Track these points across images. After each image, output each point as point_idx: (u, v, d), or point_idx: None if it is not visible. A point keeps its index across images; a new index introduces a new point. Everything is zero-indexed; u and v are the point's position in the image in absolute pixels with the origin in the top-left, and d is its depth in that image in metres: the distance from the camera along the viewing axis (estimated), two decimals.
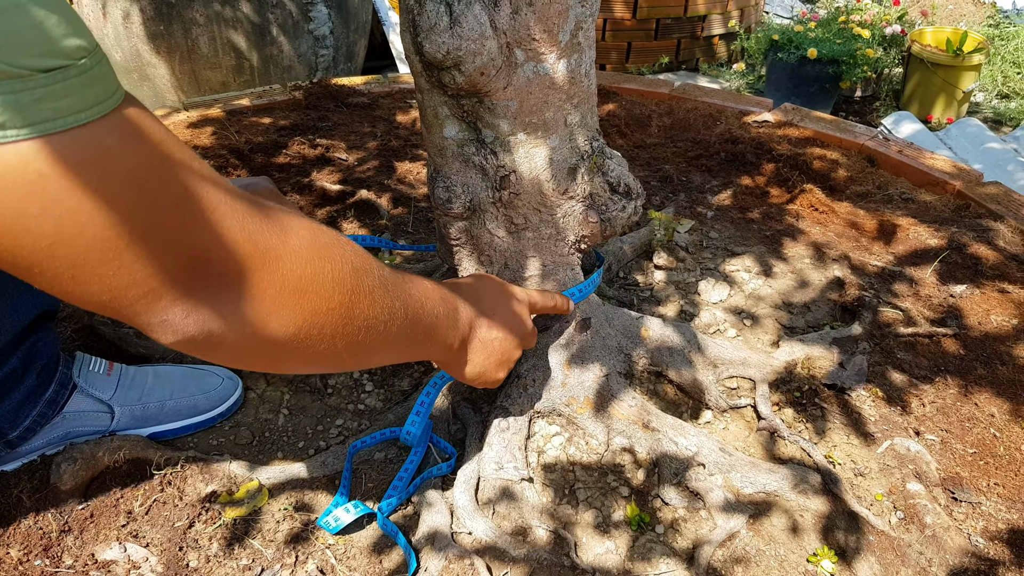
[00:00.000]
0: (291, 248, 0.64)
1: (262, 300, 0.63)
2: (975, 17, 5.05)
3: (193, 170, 0.57)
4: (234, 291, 0.61)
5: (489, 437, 1.17)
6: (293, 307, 0.65)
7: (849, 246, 1.71)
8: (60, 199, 0.48)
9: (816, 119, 2.19)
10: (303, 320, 0.66)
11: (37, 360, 1.11)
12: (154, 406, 1.23)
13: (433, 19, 0.99)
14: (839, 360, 1.36)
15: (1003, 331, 1.47)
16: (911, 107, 3.80)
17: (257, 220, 0.61)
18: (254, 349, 0.65)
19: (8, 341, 1.06)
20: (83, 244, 0.50)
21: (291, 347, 0.67)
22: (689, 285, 1.58)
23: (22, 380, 1.09)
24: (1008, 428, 1.27)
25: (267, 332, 0.64)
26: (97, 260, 0.52)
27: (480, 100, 1.09)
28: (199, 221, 0.57)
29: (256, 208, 0.62)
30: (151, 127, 0.54)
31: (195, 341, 0.60)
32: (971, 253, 1.65)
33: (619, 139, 2.14)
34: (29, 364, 1.10)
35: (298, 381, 1.35)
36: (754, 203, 1.87)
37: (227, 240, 0.59)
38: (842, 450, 1.23)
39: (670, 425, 1.19)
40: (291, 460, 1.21)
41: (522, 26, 1.03)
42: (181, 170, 0.56)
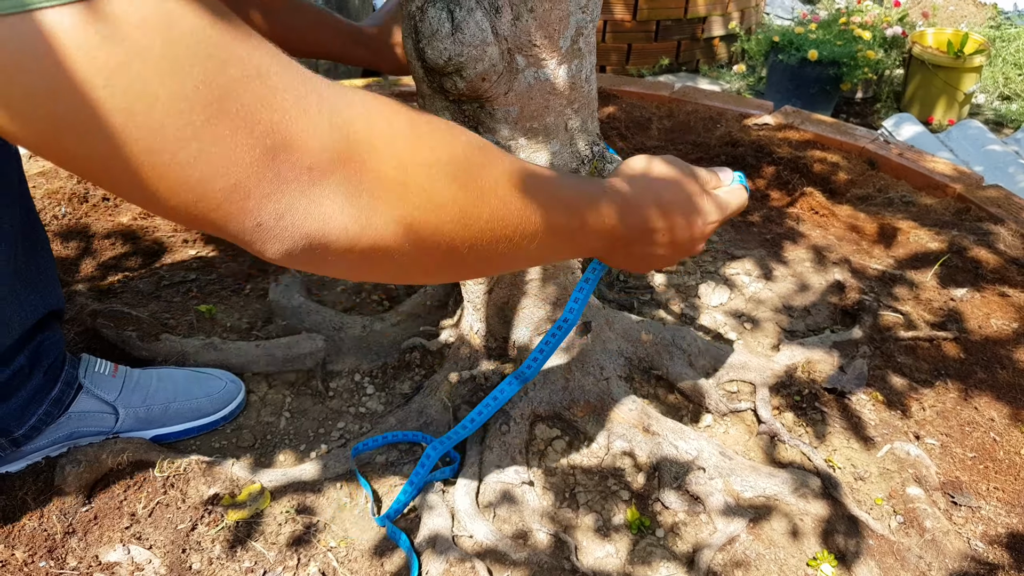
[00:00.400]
0: (384, 135, 0.57)
1: (359, 195, 0.55)
2: (976, 18, 5.05)
3: (264, 44, 0.51)
4: (328, 185, 0.54)
5: (490, 440, 1.18)
6: (397, 203, 0.58)
7: (850, 249, 1.72)
8: (126, 63, 0.43)
9: (816, 122, 2.20)
10: (411, 218, 0.59)
11: (44, 359, 1.12)
12: (158, 408, 1.24)
13: (435, 25, 1.00)
14: (839, 364, 1.36)
15: (1003, 335, 1.47)
16: (912, 109, 3.80)
17: (344, 102, 0.55)
18: (364, 255, 0.58)
19: (15, 340, 1.07)
20: (158, 120, 0.45)
21: (405, 251, 0.60)
22: (689, 288, 1.58)
23: (29, 378, 1.10)
24: (1008, 432, 1.28)
25: (373, 233, 0.57)
26: (174, 141, 0.46)
27: (481, 105, 1.09)
28: (279, 101, 0.51)
29: (341, 91, 0.56)
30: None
31: (297, 249, 0.55)
32: (971, 257, 1.66)
33: (619, 141, 2.14)
34: (36, 363, 1.11)
35: (299, 384, 1.36)
36: (754, 206, 1.87)
37: (313, 125, 0.52)
38: (842, 454, 1.23)
39: (670, 429, 1.20)
40: (293, 463, 1.21)
41: (523, 32, 1.03)
42: (252, 41, 0.50)
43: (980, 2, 5.18)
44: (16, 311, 1.06)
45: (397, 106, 0.60)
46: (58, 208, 1.70)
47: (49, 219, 1.67)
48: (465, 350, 1.33)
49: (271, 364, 1.36)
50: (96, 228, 1.68)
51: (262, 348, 1.37)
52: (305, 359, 1.37)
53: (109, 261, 1.60)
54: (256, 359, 1.36)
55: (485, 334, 1.31)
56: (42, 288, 1.11)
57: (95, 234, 1.66)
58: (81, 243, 1.63)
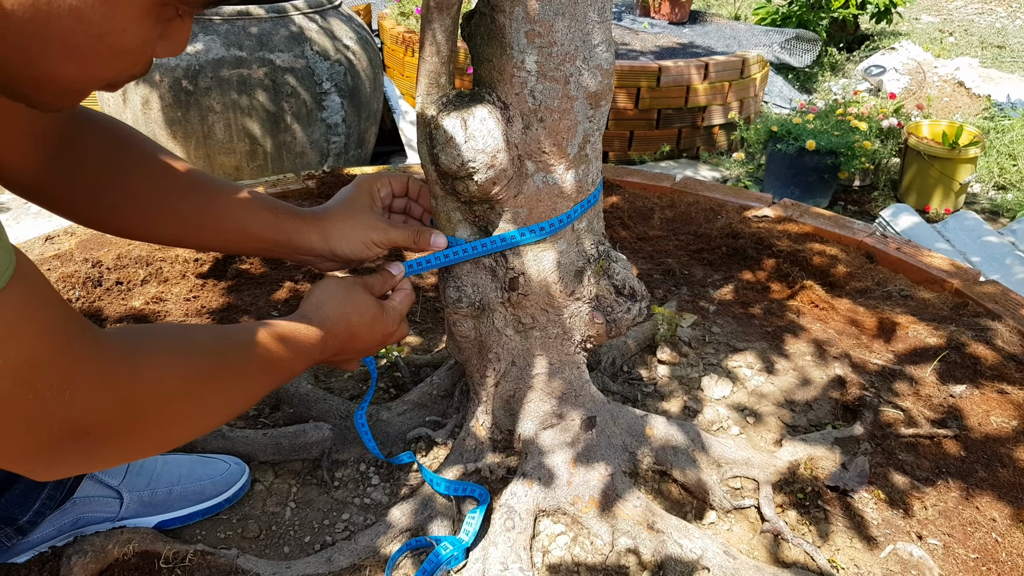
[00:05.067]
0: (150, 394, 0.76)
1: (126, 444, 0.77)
2: (971, 109, 5.18)
3: (70, 350, 0.66)
4: (100, 443, 0.72)
5: (494, 536, 1.18)
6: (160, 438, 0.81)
7: (850, 343, 1.74)
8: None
9: (815, 215, 2.25)
10: (171, 438, 0.82)
11: None
12: (162, 492, 1.24)
13: (450, 133, 1.04)
14: (841, 461, 1.38)
15: (1003, 433, 1.48)
16: (909, 197, 3.87)
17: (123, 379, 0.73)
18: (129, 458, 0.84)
19: None
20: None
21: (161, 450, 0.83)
22: (692, 380, 1.60)
23: None
24: (1010, 533, 1.28)
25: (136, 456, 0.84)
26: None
27: (491, 206, 1.13)
28: (71, 400, 0.66)
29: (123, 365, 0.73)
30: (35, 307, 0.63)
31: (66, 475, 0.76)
32: (970, 353, 1.68)
33: (622, 231, 2.19)
34: None
35: (305, 473, 1.36)
36: (755, 298, 1.90)
37: (96, 409, 0.69)
38: (845, 554, 1.24)
39: (675, 527, 1.20)
40: (297, 555, 1.22)
41: (533, 140, 1.08)
42: (56, 352, 0.65)
43: (974, 94, 5.32)
44: None
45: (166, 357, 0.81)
46: (72, 292, 1.74)
47: None
48: (471, 442, 1.34)
49: (278, 453, 1.38)
50: (109, 312, 1.71)
51: (269, 436, 1.38)
52: (311, 448, 1.38)
53: None
54: (263, 447, 1.37)
55: (491, 426, 1.33)
56: None
57: (107, 318, 1.69)
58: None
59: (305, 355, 0.99)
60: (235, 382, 0.90)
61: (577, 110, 1.08)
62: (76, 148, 1.02)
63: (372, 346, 1.13)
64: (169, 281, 1.86)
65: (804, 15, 5.99)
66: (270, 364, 0.93)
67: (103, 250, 1.93)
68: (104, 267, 1.84)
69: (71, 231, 2.02)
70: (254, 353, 0.91)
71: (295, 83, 2.93)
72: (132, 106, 2.96)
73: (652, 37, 4.92)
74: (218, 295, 1.82)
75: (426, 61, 1.04)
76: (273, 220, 1.13)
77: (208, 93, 2.86)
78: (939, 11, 8.58)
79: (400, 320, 1.16)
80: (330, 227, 1.14)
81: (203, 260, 1.94)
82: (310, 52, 2.89)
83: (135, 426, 0.75)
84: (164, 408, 0.78)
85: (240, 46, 2.78)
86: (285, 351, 0.95)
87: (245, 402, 0.93)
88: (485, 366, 1.27)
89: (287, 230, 1.13)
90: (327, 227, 1.14)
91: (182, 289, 1.83)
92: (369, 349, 1.13)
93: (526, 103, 1.05)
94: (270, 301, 1.82)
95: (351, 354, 1.12)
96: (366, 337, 1.10)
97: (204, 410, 0.85)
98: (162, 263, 1.90)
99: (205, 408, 0.85)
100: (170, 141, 2.94)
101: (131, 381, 0.73)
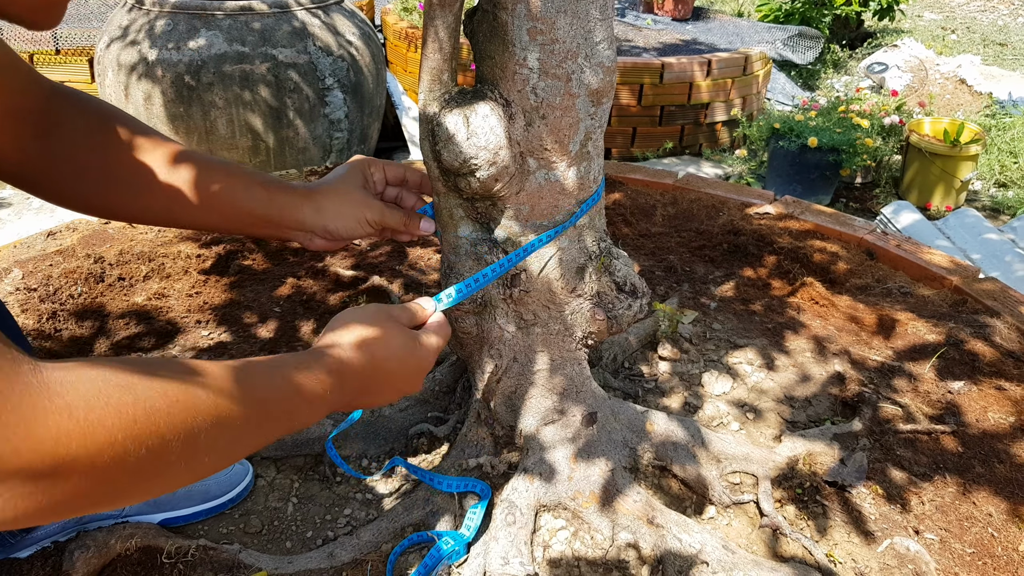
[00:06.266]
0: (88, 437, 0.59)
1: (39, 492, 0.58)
2: (972, 106, 5.18)
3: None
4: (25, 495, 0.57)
5: (495, 530, 1.19)
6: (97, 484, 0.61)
7: (849, 340, 1.75)
8: None
9: (816, 212, 2.25)
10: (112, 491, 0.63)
11: None
12: None
13: (452, 130, 1.05)
14: (840, 456, 1.38)
15: (1000, 429, 1.49)
16: (910, 195, 3.88)
17: (56, 416, 0.57)
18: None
19: None
20: None
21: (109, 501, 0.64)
22: (693, 377, 1.61)
23: None
24: (1005, 528, 1.29)
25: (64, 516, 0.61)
26: None
27: (494, 203, 1.14)
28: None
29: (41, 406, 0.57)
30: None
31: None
32: (968, 349, 1.69)
33: (625, 228, 2.20)
34: None
35: (307, 469, 1.37)
36: (756, 295, 1.91)
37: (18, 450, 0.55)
38: (843, 548, 1.25)
39: (674, 521, 1.21)
40: (299, 550, 1.23)
41: (535, 138, 1.09)
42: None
43: (976, 91, 5.32)
44: None
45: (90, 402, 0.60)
46: (74, 287, 1.75)
47: (65, 298, 1.71)
48: (472, 437, 1.35)
49: (280, 448, 1.38)
50: (111, 308, 1.72)
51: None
52: (313, 444, 1.39)
53: (123, 341, 1.64)
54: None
55: (492, 422, 1.34)
56: None
57: (110, 313, 1.70)
58: (96, 322, 1.67)
59: (315, 400, 0.84)
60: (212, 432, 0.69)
61: (579, 107, 1.08)
62: (59, 128, 1.00)
63: (405, 383, 0.98)
64: (172, 277, 1.87)
65: (807, 12, 5.99)
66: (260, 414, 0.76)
67: (105, 246, 1.94)
68: (107, 263, 1.85)
69: (73, 227, 2.02)
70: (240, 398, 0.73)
71: (298, 79, 2.94)
72: (134, 101, 2.97)
73: (655, 33, 4.92)
74: (220, 291, 1.83)
75: (429, 58, 1.05)
76: (266, 195, 1.09)
77: (211, 88, 2.86)
78: (941, 8, 8.57)
79: (437, 352, 1.02)
80: (324, 202, 1.12)
81: (205, 256, 1.94)
82: (313, 48, 2.90)
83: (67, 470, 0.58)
84: (103, 455, 0.60)
85: (243, 41, 2.78)
86: (284, 395, 0.80)
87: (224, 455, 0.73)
88: (487, 362, 1.28)
89: (280, 204, 1.09)
90: (321, 202, 1.12)
91: (184, 285, 1.84)
92: (403, 387, 0.99)
93: (528, 100, 1.06)
94: (272, 297, 1.83)
95: (382, 393, 0.97)
96: (397, 372, 0.96)
97: (161, 464, 0.65)
98: (164, 259, 1.91)
99: (163, 462, 0.65)
100: (172, 136, 2.94)
101: (60, 417, 0.58)
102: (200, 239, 2.01)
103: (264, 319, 1.75)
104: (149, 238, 2.01)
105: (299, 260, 1.98)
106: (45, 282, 1.74)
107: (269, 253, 1.99)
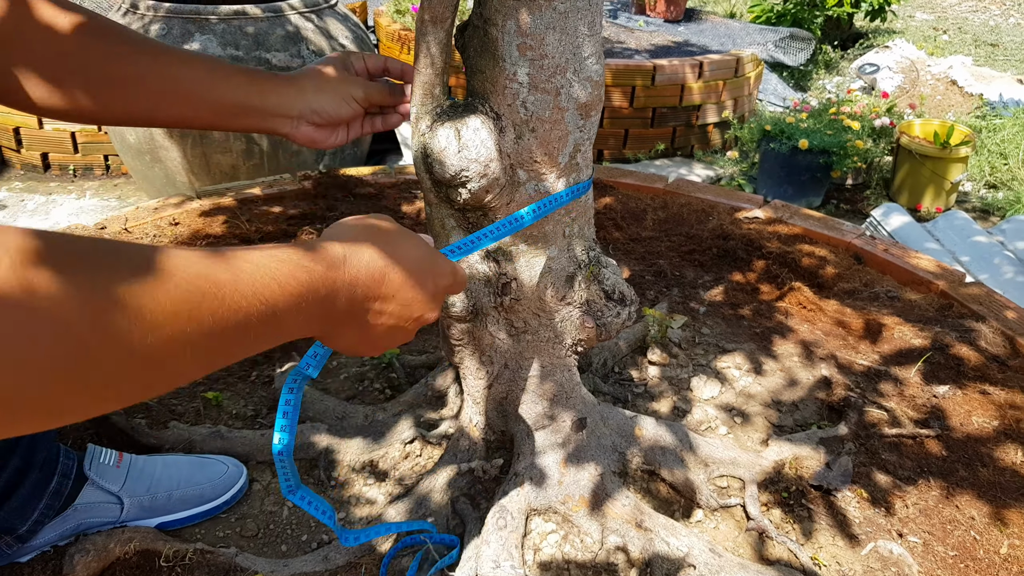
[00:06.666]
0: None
1: None
2: (963, 107, 5.21)
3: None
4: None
5: (487, 534, 1.22)
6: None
7: (836, 344, 1.78)
8: None
9: (805, 216, 2.28)
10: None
11: (37, 454, 1.15)
12: (162, 496, 1.27)
13: (443, 143, 1.07)
14: (826, 460, 1.41)
15: (984, 433, 1.52)
16: (901, 196, 3.91)
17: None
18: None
19: (7, 441, 1.11)
20: None
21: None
22: (682, 381, 1.63)
23: (26, 475, 1.13)
24: (988, 531, 1.32)
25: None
26: None
27: (485, 213, 1.16)
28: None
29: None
30: None
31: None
32: (954, 354, 1.72)
33: (615, 232, 2.22)
34: (31, 460, 1.14)
35: (302, 473, 1.39)
36: (745, 299, 1.94)
37: None
38: (828, 551, 1.27)
39: (662, 525, 1.24)
40: (295, 553, 1.25)
41: (525, 150, 1.11)
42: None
43: (967, 92, 5.35)
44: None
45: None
46: None
47: None
48: (464, 442, 1.37)
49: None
50: None
51: (267, 437, 1.41)
52: (308, 448, 1.41)
53: None
54: (261, 448, 1.40)
55: (484, 427, 1.36)
56: None
57: None
58: None
59: (304, 288, 0.64)
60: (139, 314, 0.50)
61: (568, 120, 1.11)
62: (18, 29, 0.95)
63: (423, 298, 0.78)
64: None
65: (799, 13, 6.02)
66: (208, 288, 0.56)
67: None
68: None
69: (70, 232, 2.04)
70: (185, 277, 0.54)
71: None
72: None
73: (647, 35, 4.94)
74: None
75: (420, 72, 1.07)
76: (247, 81, 1.06)
77: None
78: (933, 9, 8.61)
79: (453, 280, 0.86)
80: (306, 83, 1.11)
81: None
82: (306, 51, 2.91)
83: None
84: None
85: (237, 45, 2.80)
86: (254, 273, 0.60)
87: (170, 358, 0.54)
88: (479, 369, 1.30)
89: (263, 90, 1.07)
90: (304, 83, 1.11)
91: None
92: (420, 303, 0.78)
93: (518, 114, 1.08)
94: None
95: (394, 307, 0.76)
96: (414, 283, 0.77)
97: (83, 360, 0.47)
98: None
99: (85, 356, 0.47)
100: (166, 139, 2.95)
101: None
102: (195, 245, 2.03)
103: None
104: (145, 242, 2.03)
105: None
106: None
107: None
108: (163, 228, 2.11)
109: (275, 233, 2.10)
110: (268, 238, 2.08)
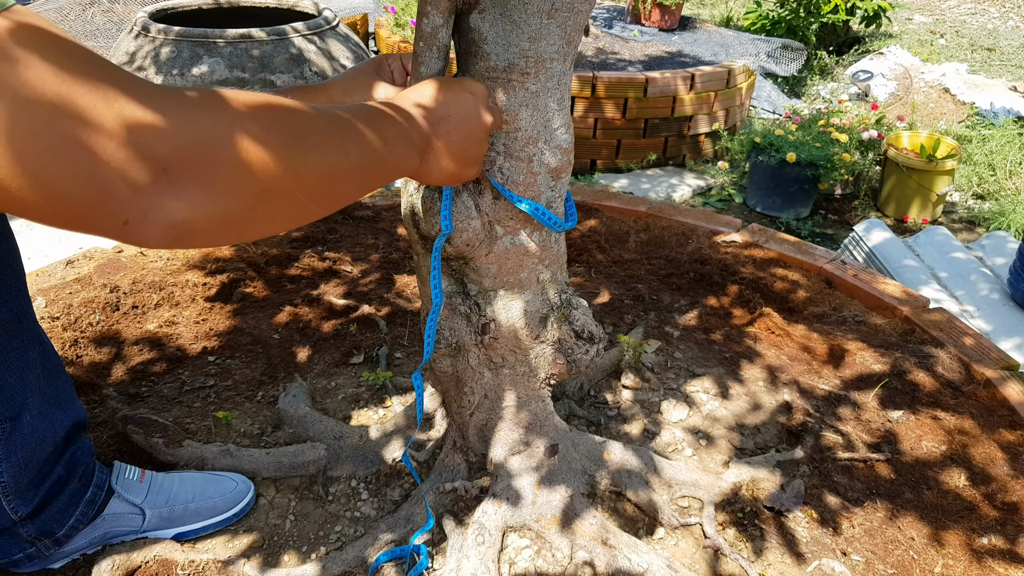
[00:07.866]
0: (228, 129, 0.65)
1: (213, 185, 0.64)
2: (955, 116, 5.32)
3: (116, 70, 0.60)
4: (183, 183, 0.62)
5: (467, 549, 1.35)
6: (245, 184, 0.67)
7: (801, 369, 1.91)
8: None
9: (780, 240, 2.41)
10: (259, 191, 0.68)
11: (78, 466, 1.31)
12: (179, 508, 1.42)
13: (428, 203, 1.21)
14: (781, 483, 1.54)
15: (932, 457, 1.65)
16: (888, 207, 4.03)
17: (189, 107, 0.63)
18: (226, 227, 0.68)
19: (51, 452, 1.25)
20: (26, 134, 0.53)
21: (259, 216, 0.70)
22: (653, 405, 1.77)
23: (67, 484, 1.29)
24: (925, 551, 1.45)
25: (230, 211, 0.67)
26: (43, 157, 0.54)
27: (466, 263, 1.30)
28: (129, 115, 0.58)
29: (184, 96, 0.64)
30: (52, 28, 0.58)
31: (169, 237, 0.63)
32: (911, 380, 1.84)
33: (599, 254, 2.35)
34: (72, 471, 1.30)
35: (303, 489, 1.54)
36: (717, 324, 2.07)
37: (164, 132, 0.60)
38: (776, 569, 1.41)
39: (625, 543, 1.37)
40: (296, 563, 1.39)
41: (502, 209, 1.24)
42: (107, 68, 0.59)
43: (959, 100, 5.46)
44: (48, 428, 1.25)
45: (238, 96, 0.69)
46: (93, 316, 1.90)
47: (85, 326, 1.87)
48: (450, 463, 1.51)
49: (279, 470, 1.55)
50: (126, 335, 1.88)
51: (271, 456, 1.55)
52: (308, 466, 1.55)
53: (137, 366, 1.80)
54: (266, 465, 1.54)
55: (467, 450, 1.50)
56: (64, 404, 1.30)
57: (125, 340, 1.86)
58: (113, 348, 1.83)
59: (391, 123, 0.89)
60: (317, 139, 0.76)
61: (540, 183, 1.24)
62: None
63: (476, 131, 1.01)
64: (180, 304, 2.02)
65: (794, 20, 6.11)
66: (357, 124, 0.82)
67: (119, 274, 2.10)
68: (121, 291, 2.01)
69: (88, 255, 2.18)
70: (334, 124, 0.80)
71: None
72: None
73: (641, 46, 5.05)
74: (225, 318, 1.99)
75: None
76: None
77: None
78: (932, 11, 8.69)
79: (493, 119, 1.06)
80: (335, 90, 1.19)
81: (211, 284, 2.10)
82: (309, 72, 3.04)
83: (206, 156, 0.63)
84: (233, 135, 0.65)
85: (243, 68, 2.93)
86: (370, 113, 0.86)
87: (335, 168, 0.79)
88: (461, 398, 1.44)
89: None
90: (332, 91, 1.18)
91: (192, 312, 1.99)
92: (475, 134, 1.01)
93: (495, 177, 1.21)
94: (271, 324, 1.99)
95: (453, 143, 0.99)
96: (470, 119, 1.00)
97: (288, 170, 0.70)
98: (173, 287, 2.06)
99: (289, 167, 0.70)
100: None
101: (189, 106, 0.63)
102: (205, 267, 2.17)
103: (265, 345, 1.91)
104: (159, 266, 2.17)
105: (296, 287, 2.14)
106: (66, 311, 1.90)
107: (268, 280, 2.14)
108: (175, 251, 2.24)
109: (280, 256, 2.23)
110: (273, 261, 2.21)
